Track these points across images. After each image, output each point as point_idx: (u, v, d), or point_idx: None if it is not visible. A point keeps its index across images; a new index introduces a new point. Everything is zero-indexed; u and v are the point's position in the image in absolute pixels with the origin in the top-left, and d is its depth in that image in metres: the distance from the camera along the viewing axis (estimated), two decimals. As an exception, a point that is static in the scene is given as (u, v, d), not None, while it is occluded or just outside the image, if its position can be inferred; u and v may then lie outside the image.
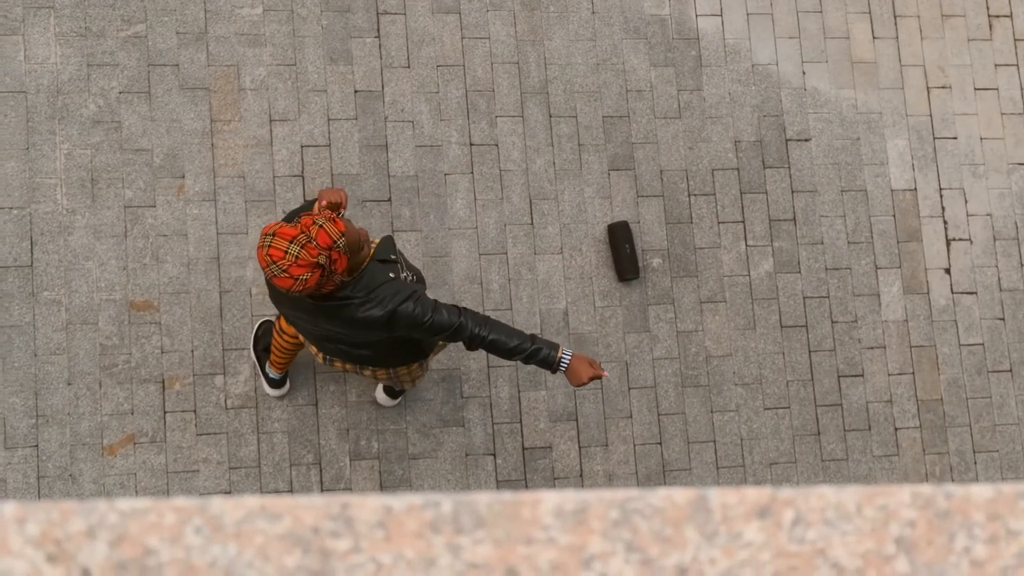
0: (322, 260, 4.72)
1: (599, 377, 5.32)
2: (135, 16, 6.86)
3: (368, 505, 1.41)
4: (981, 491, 1.56)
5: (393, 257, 5.15)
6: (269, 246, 4.73)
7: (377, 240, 5.23)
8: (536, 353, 5.16)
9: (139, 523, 1.34)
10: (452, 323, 5.07)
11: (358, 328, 5.04)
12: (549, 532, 1.44)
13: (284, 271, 4.71)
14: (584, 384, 5.21)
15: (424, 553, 1.40)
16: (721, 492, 1.50)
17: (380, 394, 6.63)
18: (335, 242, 4.74)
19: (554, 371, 5.21)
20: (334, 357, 5.41)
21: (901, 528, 1.52)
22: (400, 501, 1.42)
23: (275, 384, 6.53)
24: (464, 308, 5.12)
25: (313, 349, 5.50)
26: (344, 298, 4.95)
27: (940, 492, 1.55)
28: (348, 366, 5.50)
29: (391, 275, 5.07)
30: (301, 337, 5.83)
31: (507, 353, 5.15)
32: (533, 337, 5.16)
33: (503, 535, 1.43)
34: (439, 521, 1.42)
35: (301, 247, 4.71)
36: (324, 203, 4.98)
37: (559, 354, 5.17)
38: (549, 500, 1.45)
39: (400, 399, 6.65)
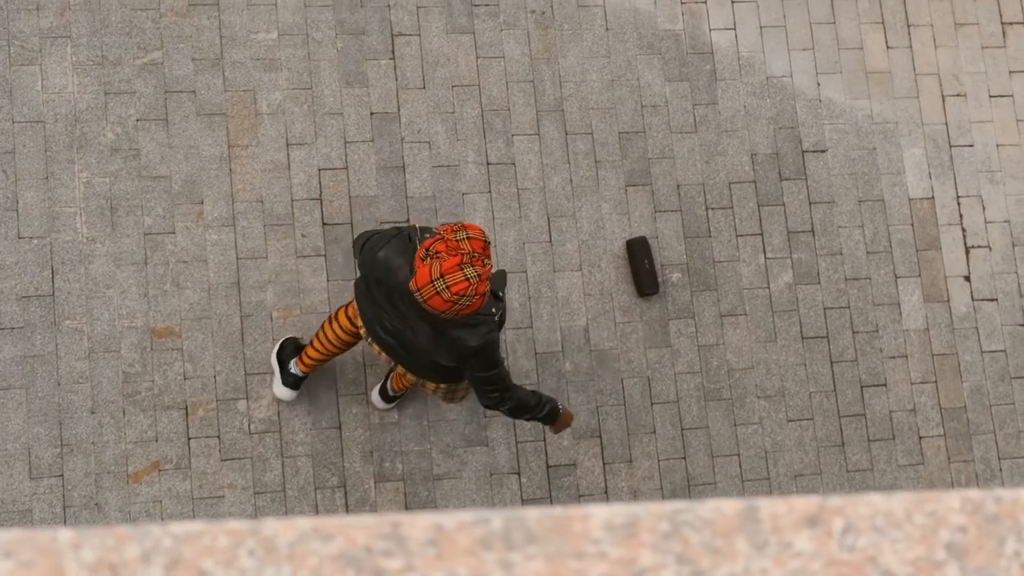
0: (488, 263, 4.77)
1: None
2: (151, 43, 6.89)
3: (419, 523, 1.41)
4: (1029, 495, 1.55)
5: (502, 294, 5.18)
6: (447, 287, 4.73)
7: (492, 269, 5.29)
8: (539, 417, 5.56)
9: (193, 547, 1.35)
10: (507, 385, 5.20)
11: (441, 345, 5.07)
12: (600, 546, 1.44)
13: (476, 294, 4.76)
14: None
15: (476, 570, 1.40)
16: (770, 502, 1.50)
17: (375, 395, 6.62)
18: (486, 242, 4.80)
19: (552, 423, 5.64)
20: (392, 357, 5.47)
21: (951, 534, 1.52)
22: (451, 518, 1.42)
23: (291, 384, 6.47)
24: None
25: (375, 349, 5.55)
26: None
27: (989, 496, 1.54)
28: (402, 372, 5.55)
29: (494, 310, 5.10)
30: (351, 339, 5.90)
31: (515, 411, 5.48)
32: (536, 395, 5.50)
33: (554, 550, 1.43)
34: (490, 537, 1.42)
35: (471, 266, 4.74)
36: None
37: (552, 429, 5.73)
38: (599, 514, 1.45)
39: (394, 405, 6.62)
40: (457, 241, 4.78)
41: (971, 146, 7.53)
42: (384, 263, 5.14)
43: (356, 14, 7.10)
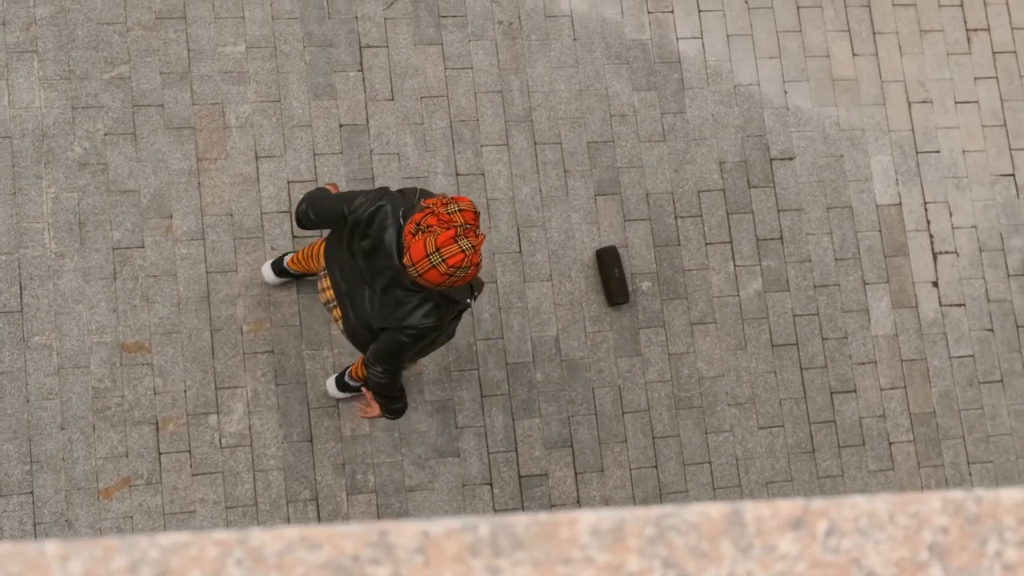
0: (480, 233, 4.78)
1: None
2: (118, 57, 6.87)
3: (406, 531, 1.41)
4: (1010, 495, 1.56)
5: (469, 301, 5.21)
6: (444, 260, 4.75)
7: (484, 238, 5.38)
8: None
9: (181, 557, 1.34)
10: (399, 370, 5.37)
11: (398, 311, 5.07)
12: (587, 551, 1.45)
13: (472, 265, 4.77)
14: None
15: (464, 577, 1.41)
16: (754, 505, 1.50)
17: (331, 384, 6.61)
18: (476, 212, 4.81)
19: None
20: (344, 315, 5.49)
21: (934, 534, 1.53)
22: (438, 526, 1.42)
23: (277, 270, 6.61)
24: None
25: (324, 283, 5.55)
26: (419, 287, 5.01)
27: (970, 497, 1.55)
28: (346, 332, 5.58)
29: (469, 300, 5.14)
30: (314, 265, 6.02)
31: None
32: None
33: (541, 556, 1.43)
34: (478, 544, 1.42)
35: (465, 237, 4.75)
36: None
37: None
38: (586, 519, 1.45)
39: (349, 396, 6.61)
40: (449, 214, 4.79)
41: (937, 152, 7.57)
42: (382, 216, 5.11)
43: (324, 26, 7.10)
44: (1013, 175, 7.61)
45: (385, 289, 5.09)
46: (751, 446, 7.03)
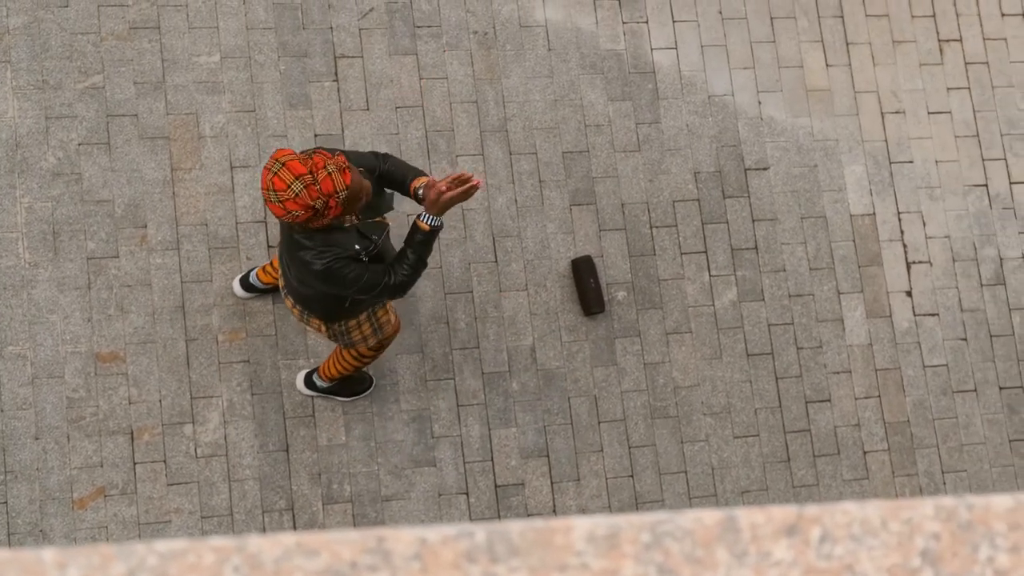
0: (319, 205, 4.83)
1: (470, 186, 5.24)
2: (92, 67, 6.85)
3: (403, 538, 1.41)
4: (1001, 501, 1.57)
5: (375, 238, 5.20)
6: (275, 174, 4.86)
7: (385, 220, 5.32)
8: (416, 239, 5.29)
9: (178, 564, 1.34)
10: (387, 276, 5.25)
11: (301, 270, 5.12)
12: (582, 558, 1.45)
13: (280, 202, 4.84)
14: (454, 196, 5.20)
15: (461, 583, 1.41)
16: (749, 512, 1.51)
17: (299, 380, 6.62)
18: (336, 192, 4.85)
19: (433, 230, 5.29)
20: (287, 293, 5.61)
21: (926, 541, 1.54)
22: (434, 532, 1.42)
23: (246, 286, 6.65)
24: (392, 261, 5.31)
25: (281, 283, 5.66)
26: (306, 238, 5.08)
27: (962, 504, 1.56)
28: (296, 310, 5.64)
29: (357, 247, 5.13)
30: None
31: (418, 264, 5.32)
32: (408, 241, 5.31)
33: (537, 562, 1.44)
34: (474, 551, 1.42)
35: (304, 187, 4.83)
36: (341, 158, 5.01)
37: (425, 223, 5.27)
38: (581, 526, 1.46)
39: (314, 394, 6.61)
40: (324, 164, 4.87)
41: (911, 162, 7.61)
42: None
43: (298, 36, 7.09)
44: (986, 185, 7.65)
45: (286, 241, 5.19)
46: (727, 455, 7.04)
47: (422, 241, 5.25)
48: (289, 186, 4.85)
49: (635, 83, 7.39)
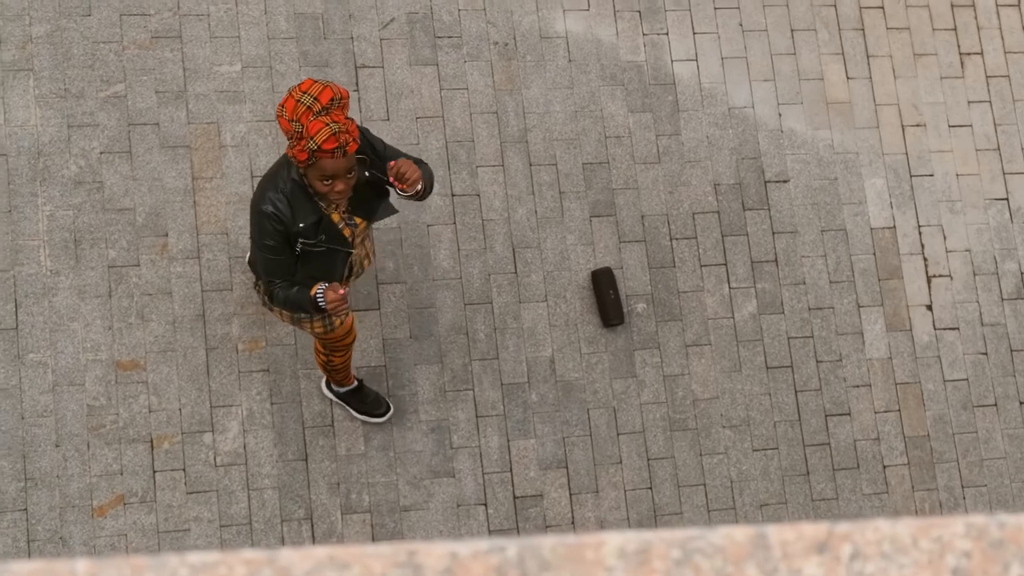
0: (290, 132, 4.91)
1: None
2: (114, 76, 6.87)
3: (435, 552, 1.41)
4: (1032, 520, 1.57)
5: (321, 239, 5.23)
6: (301, 91, 4.93)
7: (359, 232, 5.35)
8: (300, 298, 5.25)
9: (210, 577, 1.34)
10: (267, 274, 5.26)
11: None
12: (613, 573, 1.45)
13: (277, 117, 4.95)
14: (342, 303, 5.12)
15: (491, 598, 1.41)
16: (779, 529, 1.51)
17: (324, 382, 6.67)
18: (306, 137, 4.88)
19: (318, 308, 5.23)
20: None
21: (957, 559, 1.54)
22: (466, 547, 1.42)
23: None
24: (285, 284, 5.28)
25: None
26: (282, 170, 5.17)
27: (993, 522, 1.56)
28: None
29: (301, 225, 5.15)
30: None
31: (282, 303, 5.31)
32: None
33: (568, 578, 1.43)
34: (505, 565, 1.42)
35: (294, 109, 4.91)
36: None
37: (313, 292, 5.22)
38: (612, 541, 1.46)
39: (334, 399, 6.63)
40: (342, 110, 4.99)
41: (931, 176, 7.60)
42: None
43: (320, 46, 7.11)
44: (1007, 199, 7.63)
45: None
46: (745, 468, 7.03)
47: (297, 303, 5.24)
48: (283, 105, 4.93)
49: (655, 95, 7.39)
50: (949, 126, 7.68)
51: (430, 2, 7.28)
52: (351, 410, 6.67)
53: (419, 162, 5.36)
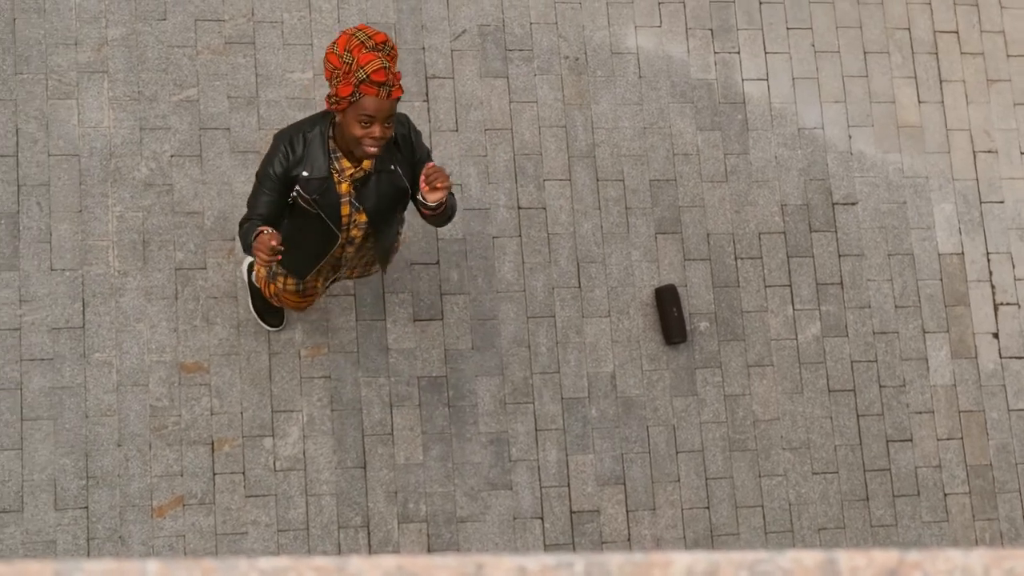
0: (332, 67, 4.85)
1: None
2: (187, 80, 6.93)
3: (503, 565, 1.41)
4: (1106, 555, 1.55)
5: (333, 160, 5.14)
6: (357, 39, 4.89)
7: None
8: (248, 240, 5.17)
9: (280, 582, 1.35)
10: (249, 205, 5.18)
11: None
12: (680, 594, 1.44)
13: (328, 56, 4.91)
14: (264, 249, 4.92)
15: (558, 614, 1.40)
16: (850, 555, 1.50)
17: (246, 263, 6.57)
18: (354, 70, 4.81)
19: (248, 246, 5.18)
20: None
21: (1028, 591, 1.52)
22: (534, 562, 1.42)
23: None
24: (255, 221, 5.15)
25: None
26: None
27: (1066, 555, 1.54)
28: None
29: (305, 173, 5.09)
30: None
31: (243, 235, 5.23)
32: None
33: (635, 596, 1.43)
34: (572, 582, 1.42)
35: (343, 48, 4.86)
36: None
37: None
38: (680, 561, 1.45)
39: (246, 281, 6.60)
40: (387, 53, 4.91)
41: (1001, 203, 7.53)
42: None
43: (392, 56, 7.13)
44: (1078, 228, 7.56)
45: None
46: (804, 491, 6.99)
47: (244, 238, 5.16)
48: (335, 42, 4.87)
49: (725, 113, 7.37)
50: (1021, 153, 7.62)
51: (502, 15, 7.29)
52: (250, 303, 6.61)
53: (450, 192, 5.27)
